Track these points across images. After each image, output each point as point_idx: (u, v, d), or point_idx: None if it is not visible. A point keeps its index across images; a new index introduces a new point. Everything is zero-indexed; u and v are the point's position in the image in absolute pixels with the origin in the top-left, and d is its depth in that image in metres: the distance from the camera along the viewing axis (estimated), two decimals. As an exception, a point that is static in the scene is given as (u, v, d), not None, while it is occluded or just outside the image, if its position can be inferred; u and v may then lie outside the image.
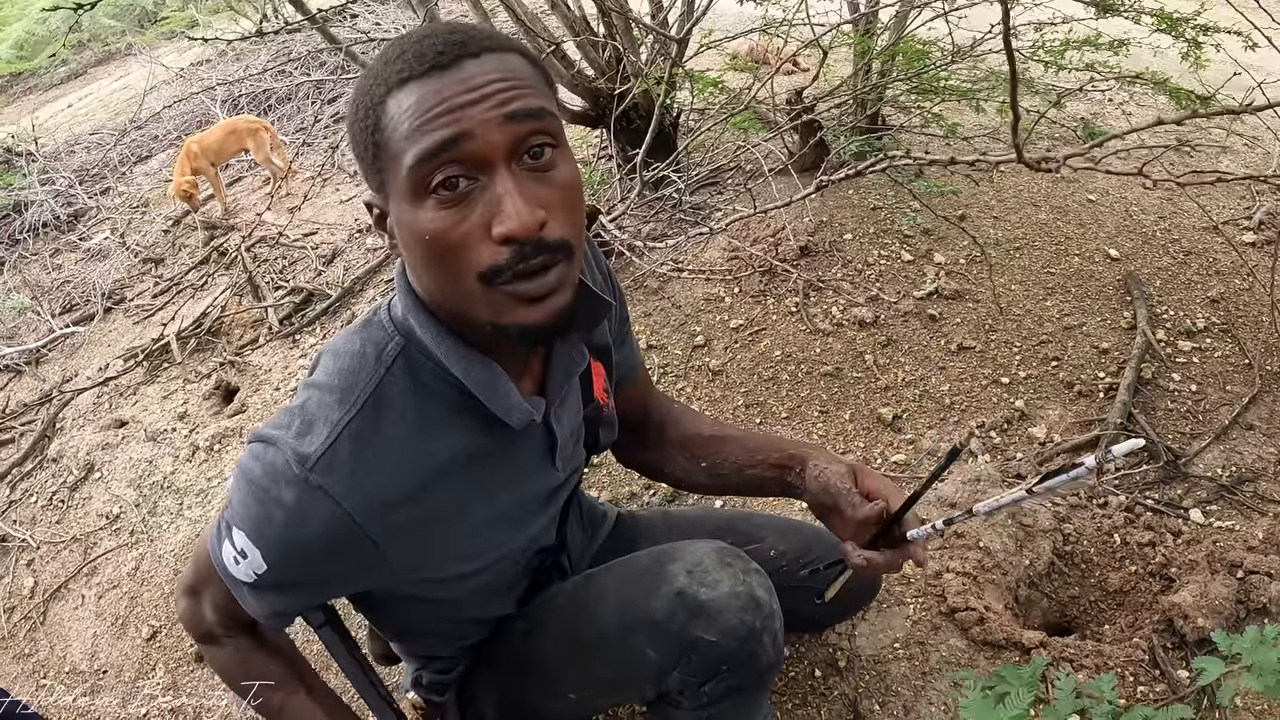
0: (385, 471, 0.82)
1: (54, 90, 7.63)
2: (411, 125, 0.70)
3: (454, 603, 1.03)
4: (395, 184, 0.74)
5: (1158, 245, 2.51)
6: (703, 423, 1.22)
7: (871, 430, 2.05)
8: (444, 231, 0.72)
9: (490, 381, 0.84)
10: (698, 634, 0.93)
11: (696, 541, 1.02)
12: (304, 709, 1.02)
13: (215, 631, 1.01)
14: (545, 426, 0.96)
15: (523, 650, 1.12)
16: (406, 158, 0.71)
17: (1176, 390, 2.07)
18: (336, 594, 0.95)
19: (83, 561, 2.40)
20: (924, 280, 2.40)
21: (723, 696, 0.99)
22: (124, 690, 1.99)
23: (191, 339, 3.15)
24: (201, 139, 3.94)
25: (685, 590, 0.94)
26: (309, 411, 0.83)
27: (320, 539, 0.81)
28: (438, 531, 0.89)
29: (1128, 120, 3.06)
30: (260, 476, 0.82)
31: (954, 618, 1.59)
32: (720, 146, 3.05)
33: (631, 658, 0.98)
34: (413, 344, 0.85)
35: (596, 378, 1.07)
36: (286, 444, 0.81)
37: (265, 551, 0.83)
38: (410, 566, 0.89)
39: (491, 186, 0.72)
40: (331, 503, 0.80)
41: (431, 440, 0.85)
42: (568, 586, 1.13)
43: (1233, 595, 1.59)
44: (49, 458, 2.87)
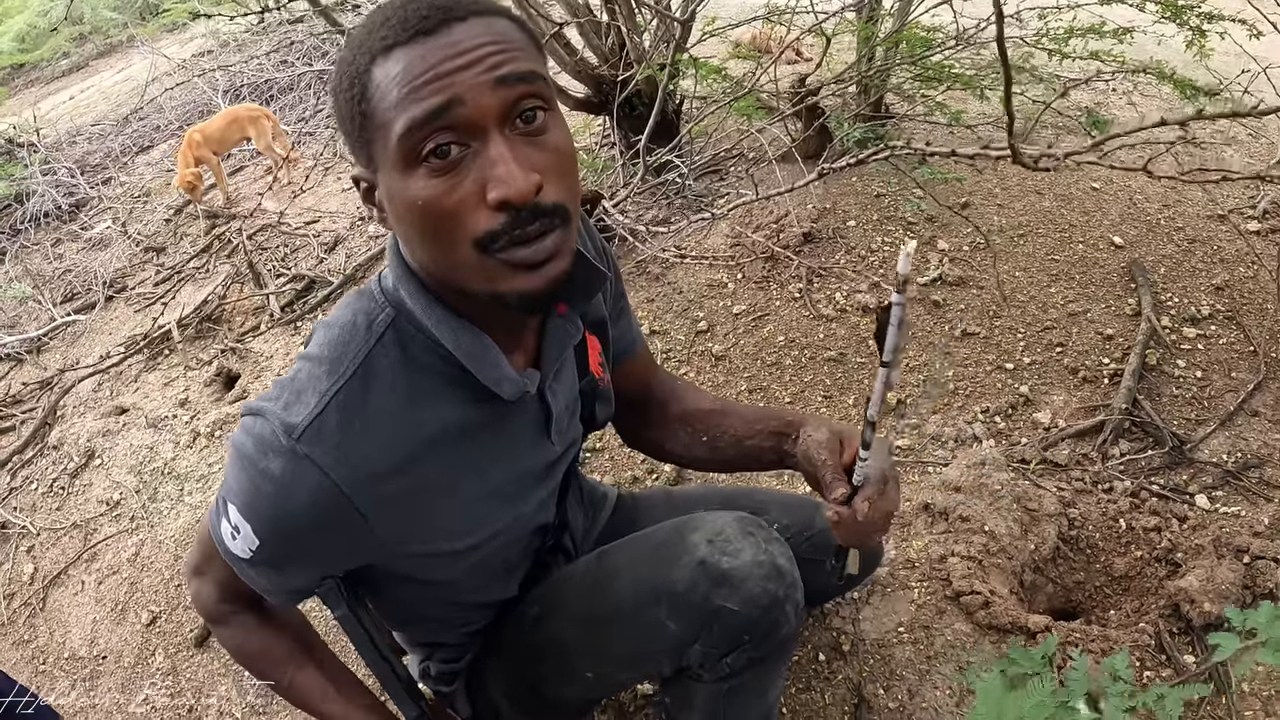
0: (373, 442, 0.81)
1: (56, 83, 7.62)
2: (400, 93, 0.69)
3: (453, 584, 1.01)
4: (384, 154, 0.72)
5: (1162, 233, 2.49)
6: (704, 398, 1.21)
7: (875, 415, 2.04)
8: (437, 199, 0.71)
9: (480, 352, 0.83)
10: (720, 603, 0.92)
11: (716, 512, 1.01)
12: (312, 683, 1.01)
13: (223, 610, 1.01)
14: (540, 400, 0.95)
15: (535, 634, 1.10)
16: (396, 126, 0.69)
17: (1181, 376, 2.06)
18: (332, 570, 0.93)
19: (83, 548, 2.39)
20: (928, 267, 2.39)
21: (744, 668, 0.98)
22: (123, 676, 1.98)
23: (192, 326, 3.14)
24: (203, 128, 3.93)
25: (707, 559, 0.93)
26: (298, 383, 0.82)
27: (308, 510, 0.80)
28: (428, 505, 0.87)
29: (1133, 108, 3.05)
30: (249, 448, 0.81)
31: (959, 602, 1.58)
32: (723, 133, 3.04)
33: (651, 631, 0.97)
34: (403, 315, 0.84)
35: (592, 351, 1.06)
36: (274, 415, 0.80)
37: (256, 525, 0.83)
38: (400, 540, 0.88)
39: (484, 152, 0.71)
40: (319, 472, 0.79)
41: (421, 411, 0.84)
42: (579, 566, 1.11)
43: (1239, 580, 1.58)
44: (50, 445, 2.86)
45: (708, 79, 2.43)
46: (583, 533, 1.28)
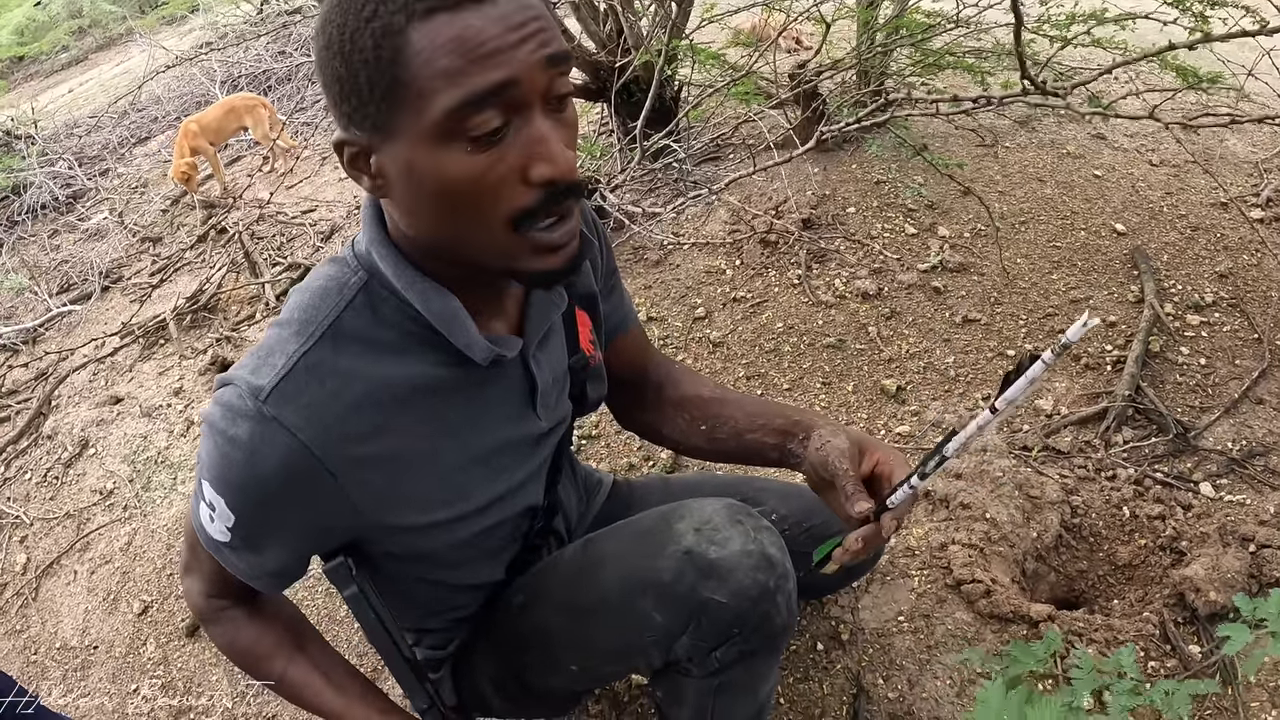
0: (343, 402, 0.79)
1: (55, 76, 7.61)
2: (452, 64, 0.65)
3: (438, 564, 0.98)
4: (415, 124, 0.68)
5: (1165, 221, 2.47)
6: (703, 385, 1.17)
7: (875, 402, 2.01)
8: (478, 176, 0.68)
9: (450, 315, 0.81)
10: (708, 595, 0.88)
11: (704, 499, 0.96)
12: (300, 675, 0.99)
13: (212, 605, 0.99)
14: (524, 369, 0.93)
15: (520, 621, 1.07)
16: (443, 99, 0.65)
17: (1185, 364, 2.04)
18: (312, 545, 0.89)
19: (75, 537, 2.38)
20: (928, 253, 2.36)
21: (734, 662, 0.94)
22: (114, 666, 1.96)
23: (188, 315, 3.12)
24: (200, 119, 3.91)
25: (694, 549, 0.89)
26: (267, 347, 0.81)
27: (278, 473, 0.78)
28: (404, 470, 0.85)
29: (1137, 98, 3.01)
30: (217, 417, 0.79)
31: (960, 590, 1.55)
32: (723, 120, 3.01)
33: (637, 623, 0.93)
34: (375, 279, 0.82)
35: (582, 328, 1.03)
36: (242, 380, 0.78)
37: (229, 497, 0.80)
38: (378, 508, 0.85)
39: (526, 129, 0.69)
40: (287, 434, 0.76)
41: (392, 371, 0.81)
42: (566, 553, 1.08)
43: (1245, 569, 1.56)
44: (44, 435, 2.85)
45: (706, 65, 2.40)
46: (577, 517, 1.25)
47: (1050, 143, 2.81)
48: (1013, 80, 2.66)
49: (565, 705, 1.34)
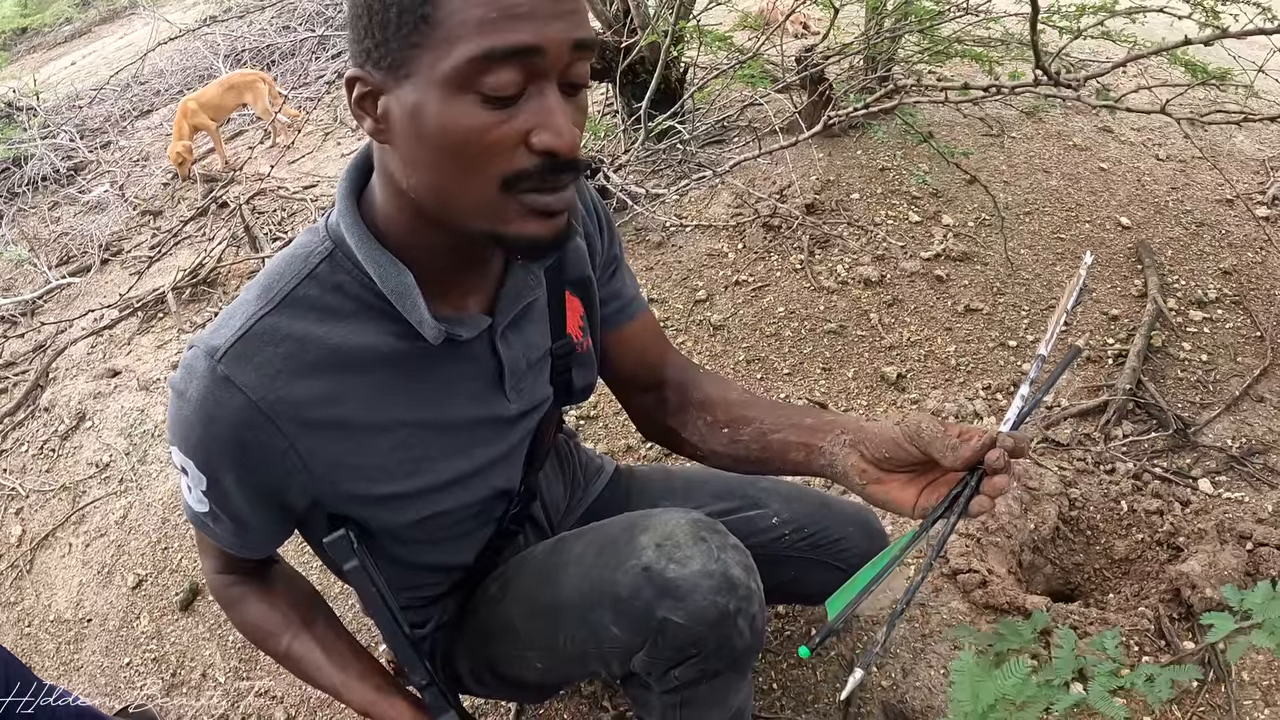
0: (294, 365, 0.80)
1: (58, 48, 7.57)
2: (485, 15, 0.65)
3: (403, 540, 0.96)
4: (432, 68, 0.67)
5: (1170, 215, 2.46)
6: (730, 388, 1.13)
7: (875, 389, 2.01)
8: (482, 131, 0.68)
9: (402, 291, 0.81)
10: (664, 615, 0.85)
11: (672, 511, 0.93)
12: (303, 651, 0.99)
13: (224, 582, 1.01)
14: (492, 350, 0.91)
15: (493, 611, 1.06)
16: (465, 47, 0.65)
17: (1187, 359, 2.03)
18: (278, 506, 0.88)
19: (71, 510, 2.37)
20: (931, 241, 2.35)
21: (694, 680, 0.91)
22: (108, 639, 1.96)
23: (187, 289, 3.11)
24: (199, 96, 3.89)
25: (652, 566, 0.85)
26: (229, 311, 0.82)
27: (232, 432, 0.79)
28: (355, 437, 0.84)
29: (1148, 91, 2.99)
30: (177, 380, 0.81)
31: (956, 580, 1.55)
32: (728, 103, 2.99)
33: (596, 632, 0.91)
34: (341, 249, 0.82)
35: (572, 312, 1.01)
36: (202, 341, 0.80)
37: (194, 459, 0.81)
38: (329, 472, 0.84)
39: (539, 98, 0.69)
40: (238, 393, 0.78)
41: (347, 340, 0.82)
42: (539, 549, 1.05)
43: (1242, 566, 1.55)
44: (41, 407, 2.84)
45: (713, 47, 2.39)
46: (564, 506, 1.23)
47: (1057, 134, 2.79)
48: (1020, 70, 2.65)
49: (544, 693, 1.33)
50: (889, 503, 0.90)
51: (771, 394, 2.04)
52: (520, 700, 1.39)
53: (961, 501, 0.82)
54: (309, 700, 1.64)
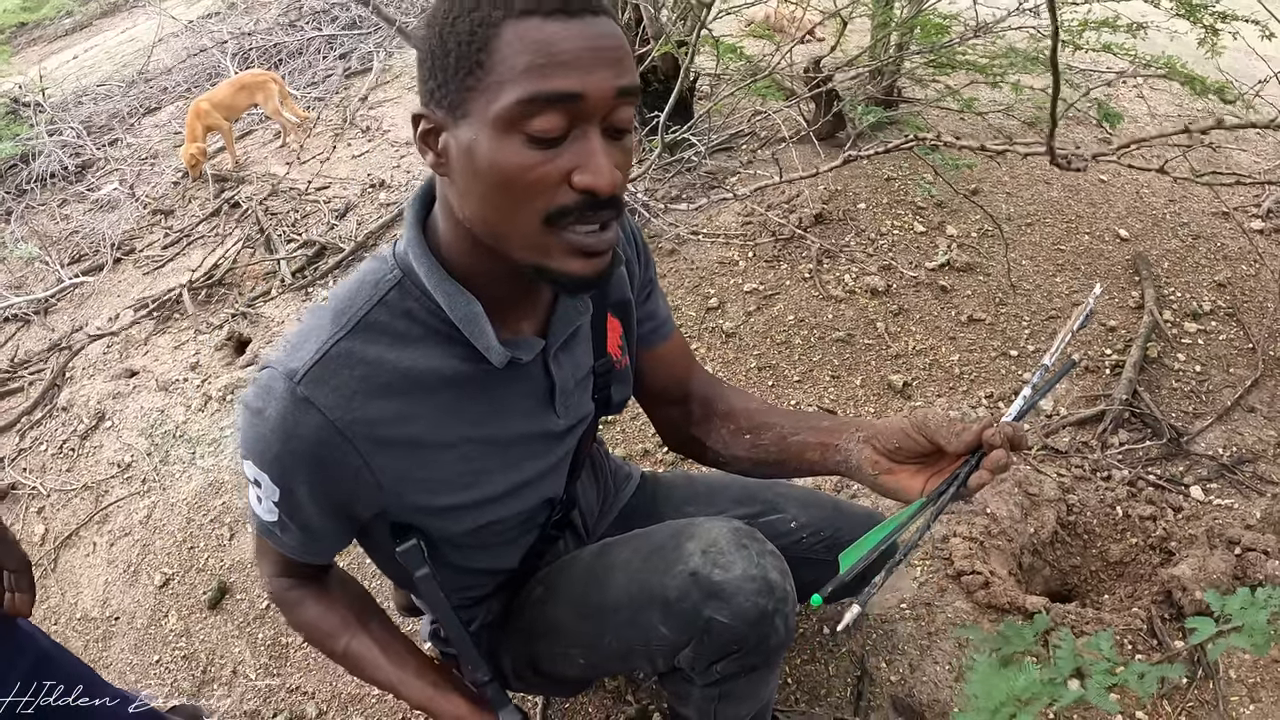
0: (369, 388, 0.86)
1: (59, 41, 7.55)
2: (532, 62, 0.71)
3: (459, 547, 1.04)
4: (485, 109, 0.74)
5: (1167, 228, 2.53)
6: (751, 399, 1.22)
7: (882, 396, 2.08)
8: (526, 169, 0.74)
9: (471, 319, 0.87)
10: (711, 614, 0.94)
11: (714, 520, 1.02)
12: (361, 650, 1.06)
13: (281, 585, 1.06)
14: (544, 370, 0.98)
15: (538, 612, 1.13)
16: (514, 91, 0.72)
17: (1181, 370, 2.10)
18: (346, 515, 0.95)
19: (94, 509, 2.41)
20: (936, 252, 2.42)
21: (734, 674, 1.01)
22: (136, 636, 2.01)
23: (203, 290, 3.15)
24: (210, 96, 3.92)
25: (699, 571, 0.95)
26: (302, 334, 0.87)
27: (313, 449, 0.85)
28: (423, 454, 0.91)
29: (1142, 101, 3.07)
30: (253, 398, 0.86)
31: (960, 581, 1.62)
32: (737, 112, 3.05)
33: (643, 632, 0.99)
34: (409, 278, 0.88)
35: (612, 332, 1.08)
36: (278, 363, 0.85)
37: (270, 473, 0.87)
38: (397, 485, 0.91)
39: (584, 141, 0.75)
40: (318, 414, 0.83)
41: (416, 361, 0.88)
42: (584, 554, 1.13)
43: (1230, 570, 1.63)
44: (59, 406, 2.88)
45: (725, 58, 2.45)
46: (597, 512, 1.31)
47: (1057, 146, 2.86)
48: (1021, 81, 2.72)
49: (577, 688, 1.41)
50: (899, 490, 0.97)
51: (782, 401, 2.11)
52: (556, 694, 1.46)
53: (962, 476, 0.90)
54: (340, 695, 1.70)
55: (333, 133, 3.99)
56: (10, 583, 1.04)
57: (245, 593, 1.99)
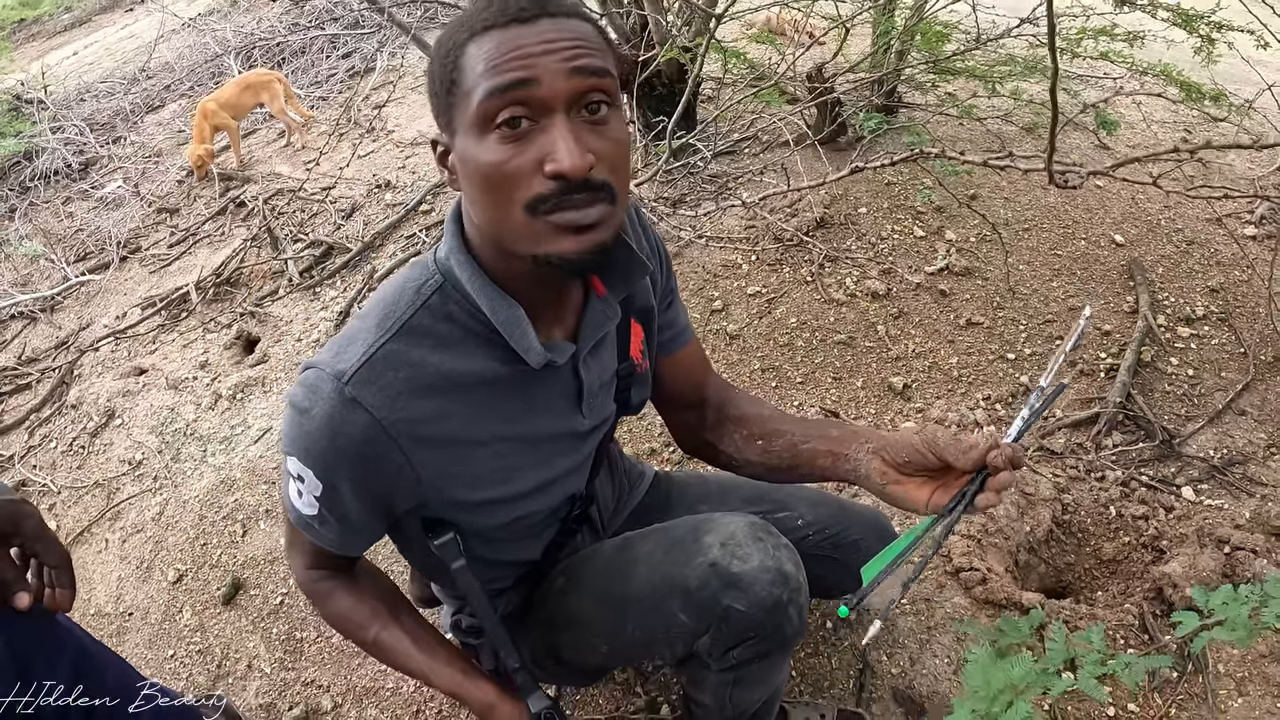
0: (412, 388, 0.91)
1: (58, 37, 7.56)
2: (486, 65, 0.78)
3: (488, 539, 1.08)
4: (463, 118, 0.81)
5: (1161, 234, 2.58)
6: (763, 405, 1.27)
7: (882, 398, 2.13)
8: (501, 163, 0.80)
9: (513, 322, 0.92)
10: (729, 603, 0.99)
11: (731, 515, 1.07)
12: (392, 640, 1.10)
13: (312, 577, 1.11)
14: (574, 373, 1.03)
15: (560, 603, 1.19)
16: (477, 93, 0.79)
17: (1174, 374, 2.16)
18: (385, 509, 0.99)
19: (105, 506, 2.44)
20: (935, 256, 2.47)
21: (749, 660, 1.06)
22: (150, 632, 2.04)
23: (210, 289, 3.18)
24: (216, 97, 3.96)
25: (718, 562, 1.00)
26: (348, 337, 0.92)
27: (359, 447, 0.89)
28: (461, 450, 0.96)
29: (1137, 107, 3.11)
30: (301, 398, 0.90)
31: (958, 577, 1.67)
32: (740, 117, 3.09)
33: (664, 620, 1.05)
34: (450, 282, 0.93)
35: (634, 337, 1.13)
36: (325, 364, 0.90)
37: (314, 469, 0.91)
38: (435, 480, 0.96)
39: (550, 130, 0.79)
40: (365, 413, 0.88)
41: (456, 363, 0.93)
42: (604, 548, 1.19)
43: (1220, 568, 1.68)
44: (68, 404, 2.91)
45: (730, 63, 2.49)
46: (612, 508, 1.36)
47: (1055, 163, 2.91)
48: (1020, 86, 2.76)
49: (593, 677, 1.46)
50: (905, 500, 1.03)
51: (785, 402, 2.16)
52: (572, 683, 1.51)
53: (969, 495, 0.96)
54: (355, 688, 1.74)
55: (338, 133, 4.02)
56: (51, 578, 1.08)
57: (259, 588, 2.03)
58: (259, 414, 2.56)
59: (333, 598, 1.10)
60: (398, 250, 3.12)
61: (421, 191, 3.41)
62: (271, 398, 2.62)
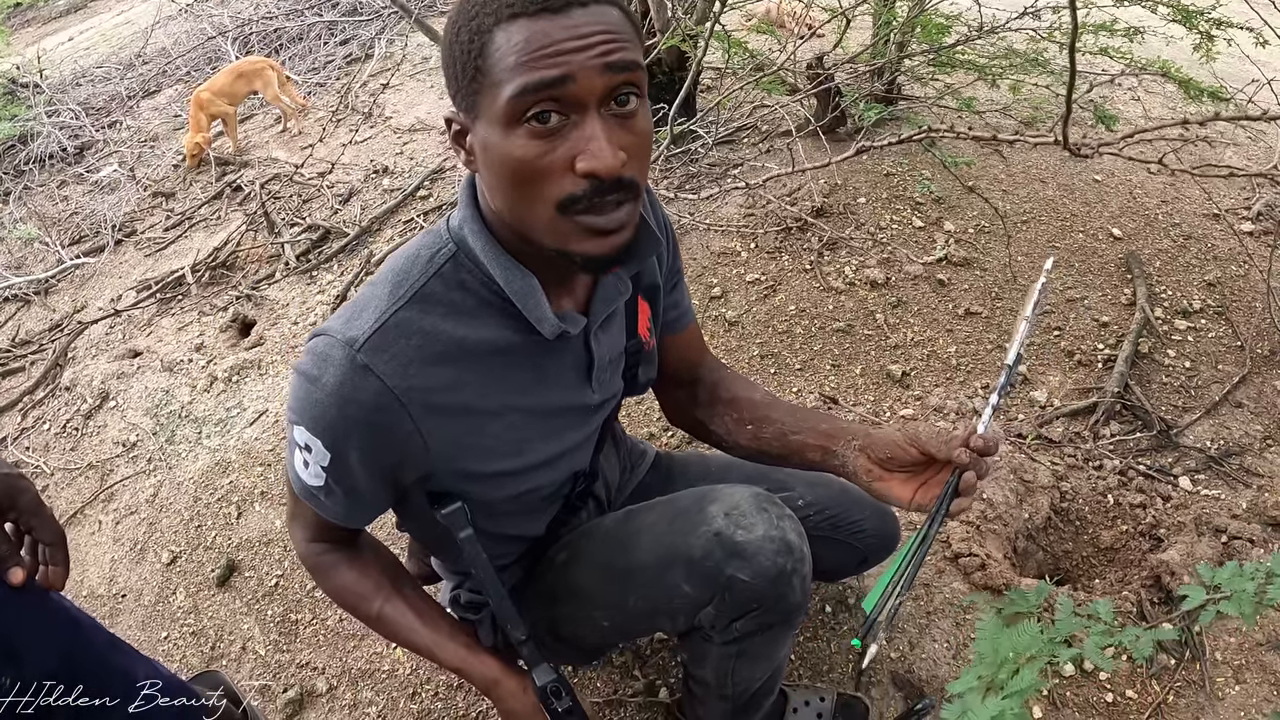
0: (425, 356, 0.90)
1: (54, 23, 7.51)
2: (518, 59, 0.76)
3: (494, 513, 1.07)
4: (490, 108, 0.79)
5: (1159, 228, 2.59)
6: (754, 389, 1.27)
7: (881, 385, 2.13)
8: (532, 160, 0.78)
9: (527, 292, 0.91)
10: (732, 573, 0.99)
11: (735, 486, 1.07)
12: (395, 614, 1.09)
13: (314, 550, 1.09)
14: (585, 346, 1.03)
15: (561, 576, 1.18)
16: (508, 88, 0.76)
17: (1171, 365, 2.16)
18: (392, 480, 0.98)
19: (99, 488, 2.43)
20: (934, 246, 2.47)
21: (753, 632, 1.05)
22: (144, 614, 2.02)
23: (206, 272, 3.17)
24: (210, 85, 3.94)
25: (723, 531, 1.00)
26: (360, 304, 0.91)
27: (369, 414, 0.88)
28: (473, 420, 0.95)
29: (1137, 103, 3.12)
30: (310, 366, 0.89)
31: (957, 563, 1.68)
32: (740, 105, 3.09)
33: (668, 591, 1.04)
34: (463, 251, 0.92)
35: (642, 315, 1.13)
36: (335, 330, 0.89)
37: (323, 438, 0.90)
38: (445, 450, 0.95)
39: (582, 126, 0.78)
40: (377, 380, 0.87)
41: (469, 331, 0.92)
42: (607, 520, 1.18)
43: (1217, 557, 1.69)
44: (61, 386, 2.89)
45: (731, 52, 2.49)
46: (616, 485, 1.35)
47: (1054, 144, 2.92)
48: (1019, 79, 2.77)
49: (591, 656, 1.45)
50: (889, 496, 1.06)
51: (784, 388, 2.16)
52: (570, 662, 1.50)
53: (944, 506, 0.98)
54: (350, 670, 1.73)
55: (335, 119, 4.01)
56: (45, 556, 1.07)
57: (254, 570, 2.02)
58: (254, 397, 2.55)
59: (336, 571, 1.09)
60: (395, 235, 3.11)
61: (419, 177, 3.40)
62: (267, 380, 2.61)
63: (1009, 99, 3.02)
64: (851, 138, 2.87)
